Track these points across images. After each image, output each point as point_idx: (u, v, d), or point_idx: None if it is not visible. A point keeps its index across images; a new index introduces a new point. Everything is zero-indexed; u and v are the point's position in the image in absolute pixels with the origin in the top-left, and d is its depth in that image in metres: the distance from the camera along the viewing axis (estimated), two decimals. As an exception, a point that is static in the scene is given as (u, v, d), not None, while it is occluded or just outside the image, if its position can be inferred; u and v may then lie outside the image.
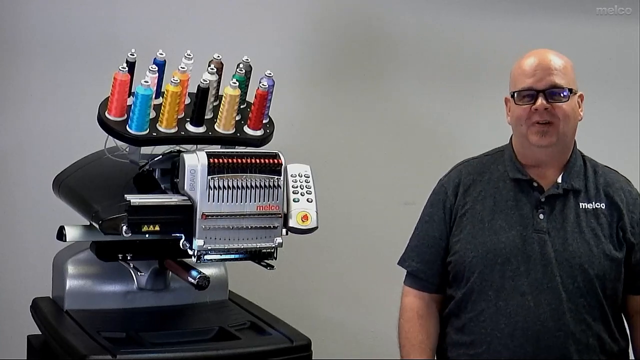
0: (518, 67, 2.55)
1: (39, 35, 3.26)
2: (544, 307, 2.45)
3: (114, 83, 2.49)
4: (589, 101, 3.45)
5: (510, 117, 2.58)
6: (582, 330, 2.46)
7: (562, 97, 2.50)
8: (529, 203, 2.53)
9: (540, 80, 2.49)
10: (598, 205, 2.53)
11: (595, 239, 2.50)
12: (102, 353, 2.37)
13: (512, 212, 2.53)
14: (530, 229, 2.50)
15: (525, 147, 2.55)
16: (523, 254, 2.48)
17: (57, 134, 3.27)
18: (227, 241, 2.51)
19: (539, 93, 2.49)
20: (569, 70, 2.54)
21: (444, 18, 3.59)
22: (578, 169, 2.57)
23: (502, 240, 2.51)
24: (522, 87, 2.51)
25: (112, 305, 2.69)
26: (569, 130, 2.55)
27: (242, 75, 2.65)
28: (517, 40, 3.50)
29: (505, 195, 2.56)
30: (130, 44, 2.62)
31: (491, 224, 2.54)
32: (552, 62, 2.52)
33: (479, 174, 2.63)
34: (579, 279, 2.46)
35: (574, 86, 2.54)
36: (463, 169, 2.67)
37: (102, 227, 2.48)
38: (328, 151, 3.51)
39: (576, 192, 2.54)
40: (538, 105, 2.48)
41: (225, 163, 2.49)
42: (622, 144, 3.68)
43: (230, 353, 2.52)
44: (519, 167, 2.57)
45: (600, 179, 2.58)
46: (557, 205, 2.52)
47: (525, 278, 2.47)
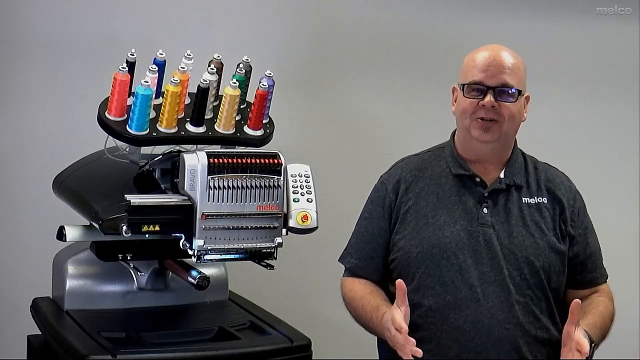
0: (471, 59, 2.55)
1: (39, 35, 3.26)
2: (493, 300, 2.45)
3: (114, 83, 2.49)
4: (589, 101, 3.45)
5: (455, 108, 2.58)
6: (530, 322, 2.47)
7: (510, 97, 2.50)
8: (472, 198, 2.53)
9: (492, 77, 2.49)
10: (540, 200, 2.55)
11: (540, 232, 2.51)
12: (102, 353, 2.37)
13: (456, 207, 2.53)
14: (475, 223, 2.50)
15: (467, 140, 2.56)
16: (469, 248, 2.48)
17: (57, 134, 3.27)
18: (227, 241, 2.51)
19: (488, 89, 2.48)
20: (521, 71, 2.54)
21: (444, 18, 3.59)
22: (519, 165, 2.58)
23: (446, 234, 2.50)
24: (472, 80, 2.50)
25: (112, 305, 2.69)
26: (512, 130, 2.55)
27: (242, 75, 2.65)
28: (517, 40, 3.49)
29: (448, 190, 2.56)
30: (130, 44, 2.62)
31: (435, 219, 2.54)
32: (506, 60, 2.51)
33: (420, 170, 2.63)
34: (525, 271, 2.47)
35: (523, 87, 2.54)
36: (404, 166, 2.67)
37: (102, 227, 2.48)
38: (328, 151, 3.52)
39: (518, 188, 2.55)
40: (486, 102, 2.48)
41: (225, 163, 2.49)
42: (622, 144, 3.69)
43: (230, 353, 2.52)
44: (461, 162, 2.57)
45: (541, 174, 2.59)
46: (500, 200, 2.53)
47: (472, 271, 2.46)
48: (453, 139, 2.64)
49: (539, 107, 3.51)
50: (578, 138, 3.68)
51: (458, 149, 2.59)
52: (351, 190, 3.49)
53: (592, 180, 3.57)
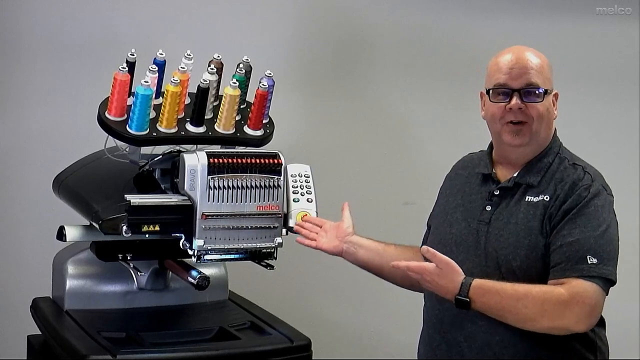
0: (494, 63, 2.53)
1: (39, 35, 3.26)
2: None
3: (114, 83, 2.49)
4: (589, 101, 3.45)
5: (484, 113, 2.56)
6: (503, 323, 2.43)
7: (537, 97, 2.48)
8: (483, 195, 2.53)
9: (516, 79, 2.46)
10: (542, 197, 2.49)
11: (527, 230, 2.45)
12: (102, 353, 2.37)
13: (470, 205, 2.54)
14: (476, 220, 2.50)
15: (499, 144, 2.54)
16: (464, 244, 2.49)
17: (57, 134, 3.27)
18: (227, 241, 2.52)
19: (514, 92, 2.46)
20: (546, 69, 2.51)
21: (444, 18, 3.59)
22: (542, 165, 2.52)
23: (452, 232, 2.52)
24: (497, 84, 2.49)
25: (112, 305, 2.69)
26: (542, 129, 2.51)
27: (242, 75, 2.65)
28: (517, 40, 3.48)
29: (471, 189, 2.57)
30: (130, 44, 2.62)
31: (451, 216, 2.55)
32: (529, 61, 2.49)
33: (463, 168, 2.64)
34: (502, 269, 2.44)
35: (549, 86, 2.51)
36: (459, 163, 2.69)
37: (102, 227, 2.48)
38: (328, 151, 3.52)
39: (529, 187, 2.50)
40: (512, 104, 2.45)
41: (225, 163, 2.49)
42: (622, 144, 3.69)
43: (230, 353, 2.52)
44: (487, 162, 2.57)
45: (557, 174, 2.52)
46: (506, 198, 2.50)
47: (462, 267, 2.46)
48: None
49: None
50: (578, 138, 3.66)
51: (494, 151, 2.59)
52: (351, 190, 3.50)
53: (592, 180, 3.58)
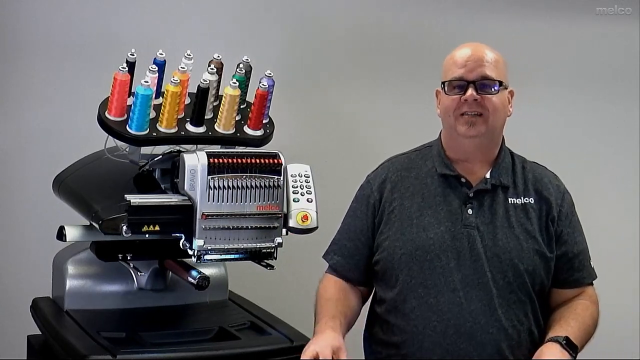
0: (450, 57, 2.53)
1: (39, 35, 3.26)
2: (476, 303, 2.43)
3: (114, 83, 2.49)
4: (589, 101, 3.44)
5: (439, 109, 2.55)
6: (513, 326, 2.45)
7: (493, 90, 2.47)
8: (457, 199, 2.51)
9: (472, 71, 2.47)
10: (527, 200, 2.51)
11: (525, 234, 2.48)
12: (102, 353, 2.37)
13: (441, 208, 2.51)
14: (459, 225, 2.48)
15: (453, 139, 2.53)
16: (452, 250, 2.46)
17: (57, 134, 3.28)
18: (227, 241, 2.52)
19: (469, 84, 2.46)
20: (501, 64, 2.51)
21: (445, 18, 3.59)
22: (506, 165, 2.55)
23: (430, 236, 2.48)
24: (452, 77, 2.48)
25: (112, 305, 2.69)
26: (498, 124, 2.51)
27: (242, 75, 2.65)
28: (517, 40, 3.50)
29: (434, 191, 2.54)
30: (130, 44, 2.62)
31: (419, 220, 2.51)
32: (485, 55, 2.49)
33: (406, 169, 2.61)
34: (509, 274, 2.44)
35: (504, 80, 2.50)
36: (390, 166, 2.65)
37: (102, 227, 2.48)
38: (328, 151, 3.51)
39: (504, 188, 2.51)
40: (468, 95, 2.45)
41: (225, 163, 2.49)
42: (622, 143, 3.69)
43: (230, 353, 2.52)
44: (446, 162, 2.54)
45: (528, 174, 2.55)
46: (485, 200, 2.50)
47: (456, 274, 2.44)
48: (441, 139, 2.61)
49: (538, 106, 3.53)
50: (578, 138, 3.68)
51: (445, 149, 2.57)
52: (351, 190, 3.50)
53: (592, 180, 3.58)
